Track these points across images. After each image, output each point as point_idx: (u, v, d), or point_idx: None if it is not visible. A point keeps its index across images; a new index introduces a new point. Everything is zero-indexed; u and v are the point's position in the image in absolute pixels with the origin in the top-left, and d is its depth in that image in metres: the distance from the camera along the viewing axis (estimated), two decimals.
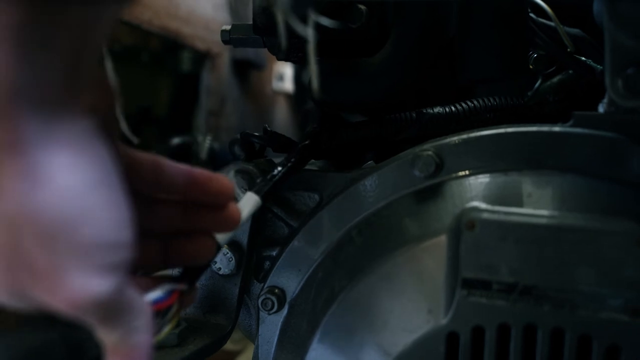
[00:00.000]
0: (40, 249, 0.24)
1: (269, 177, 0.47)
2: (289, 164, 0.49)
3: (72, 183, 0.24)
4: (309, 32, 0.31)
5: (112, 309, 0.27)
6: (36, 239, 0.24)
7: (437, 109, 0.55)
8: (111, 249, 0.26)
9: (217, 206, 0.36)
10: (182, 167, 0.35)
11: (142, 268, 0.36)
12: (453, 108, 0.55)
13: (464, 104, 0.55)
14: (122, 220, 0.26)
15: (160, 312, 0.33)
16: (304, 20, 0.31)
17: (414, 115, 0.55)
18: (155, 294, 0.33)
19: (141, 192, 0.34)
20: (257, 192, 0.43)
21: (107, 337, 0.28)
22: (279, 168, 0.48)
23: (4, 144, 0.23)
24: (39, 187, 0.23)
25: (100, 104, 0.27)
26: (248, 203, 0.42)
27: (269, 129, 0.58)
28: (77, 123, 0.25)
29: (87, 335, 0.27)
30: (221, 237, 0.38)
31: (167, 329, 0.34)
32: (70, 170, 0.24)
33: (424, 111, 0.55)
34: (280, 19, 0.31)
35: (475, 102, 0.56)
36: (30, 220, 0.23)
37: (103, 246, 0.25)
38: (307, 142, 0.54)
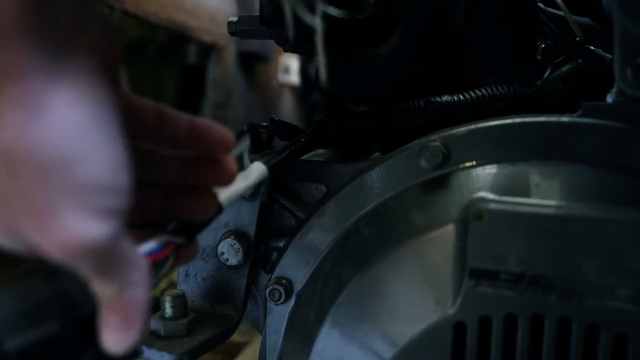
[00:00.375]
0: (34, 184, 0.23)
1: (277, 151, 0.47)
2: (299, 143, 0.50)
3: (71, 119, 0.23)
4: (317, 22, 0.31)
5: (107, 259, 0.26)
6: (31, 173, 0.23)
7: (446, 98, 0.55)
8: (107, 193, 0.25)
9: (216, 159, 0.37)
10: (184, 115, 0.35)
11: (142, 221, 0.36)
12: (461, 97, 0.55)
13: (472, 93, 0.55)
14: (119, 163, 0.25)
15: (156, 264, 0.32)
16: (311, 10, 0.31)
17: (421, 103, 0.55)
18: (149, 245, 0.32)
19: (143, 139, 0.34)
20: (264, 163, 0.43)
21: (102, 290, 0.27)
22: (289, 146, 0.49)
23: (7, 71, 0.22)
24: (38, 119, 0.23)
25: (105, 46, 0.27)
26: (255, 171, 0.42)
27: (276, 119, 0.58)
28: (81, 61, 0.24)
29: (82, 291, 0.27)
30: (223, 197, 0.38)
31: (162, 284, 0.33)
32: (70, 106, 0.23)
33: (432, 99, 0.55)
34: (287, 9, 0.31)
35: (484, 91, 0.55)
36: (25, 152, 0.23)
37: (99, 188, 0.24)
38: (316, 128, 0.54)
